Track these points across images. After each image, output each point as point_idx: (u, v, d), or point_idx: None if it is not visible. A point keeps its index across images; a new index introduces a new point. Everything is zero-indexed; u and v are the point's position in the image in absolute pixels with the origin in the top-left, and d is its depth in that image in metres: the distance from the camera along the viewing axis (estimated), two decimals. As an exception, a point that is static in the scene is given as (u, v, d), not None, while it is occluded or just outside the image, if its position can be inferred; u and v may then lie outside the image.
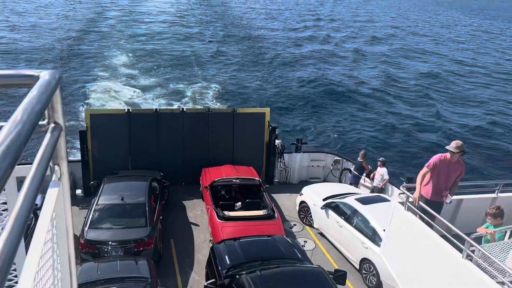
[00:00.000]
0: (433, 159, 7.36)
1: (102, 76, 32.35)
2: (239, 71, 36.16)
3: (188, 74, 34.05)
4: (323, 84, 33.15)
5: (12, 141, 0.90)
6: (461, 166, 7.35)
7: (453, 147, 7.14)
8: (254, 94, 30.62)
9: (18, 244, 0.88)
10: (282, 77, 34.90)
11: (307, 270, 8.06)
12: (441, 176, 7.24)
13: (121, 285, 7.78)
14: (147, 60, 37.45)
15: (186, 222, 12.69)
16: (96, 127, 13.54)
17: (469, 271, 5.49)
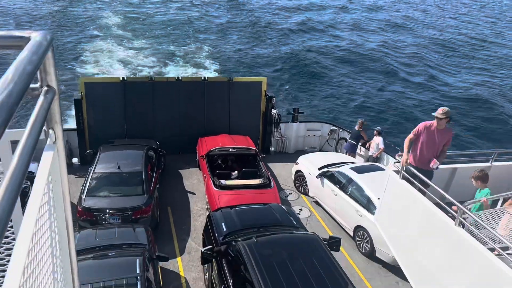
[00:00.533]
0: (419, 126, 7.35)
1: (95, 37, 31.87)
2: (235, 39, 35.61)
3: (183, 41, 33.52)
4: (321, 53, 32.78)
5: (4, 100, 0.89)
6: (448, 133, 7.31)
7: (439, 113, 7.10)
8: (251, 62, 30.28)
9: (13, 204, 0.87)
10: (280, 45, 34.42)
11: (302, 236, 8.21)
12: (427, 144, 7.24)
13: (119, 251, 7.90)
14: (141, 23, 36.82)
15: (183, 190, 12.80)
16: (91, 96, 13.41)
17: (461, 238, 5.61)
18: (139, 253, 7.54)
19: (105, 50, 29.76)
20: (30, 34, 1.32)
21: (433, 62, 32.68)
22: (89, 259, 7.36)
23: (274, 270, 6.87)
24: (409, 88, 27.41)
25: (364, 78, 28.82)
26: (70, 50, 29.18)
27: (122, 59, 28.49)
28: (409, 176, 6.90)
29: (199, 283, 9.24)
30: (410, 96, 26.25)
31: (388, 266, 10.04)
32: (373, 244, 10.12)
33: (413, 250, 6.80)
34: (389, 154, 13.18)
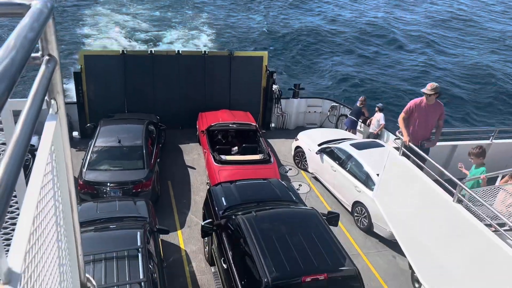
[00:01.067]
0: (409, 104, 7.36)
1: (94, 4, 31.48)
2: (236, 12, 35.05)
3: (183, 15, 33.01)
4: (324, 28, 32.31)
5: (6, 67, 0.88)
6: (439, 108, 7.30)
7: (428, 89, 7.10)
8: (252, 37, 29.91)
9: (18, 172, 0.88)
10: (283, 19, 33.90)
11: (301, 211, 8.29)
12: (420, 120, 7.25)
13: (120, 224, 8.00)
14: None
15: (183, 165, 12.86)
16: (91, 69, 13.30)
17: (459, 214, 5.67)
18: (140, 225, 7.63)
19: (104, 19, 29.36)
20: (30, 2, 1.30)
21: (437, 38, 32.26)
22: (91, 232, 7.45)
23: (273, 244, 6.98)
24: (413, 64, 27.15)
25: (368, 53, 28.51)
26: (68, 21, 28.79)
27: (121, 24, 28.19)
28: (410, 154, 6.92)
29: (199, 255, 9.40)
30: (414, 73, 26.03)
31: (385, 241, 10.20)
32: (371, 220, 10.24)
33: (411, 225, 6.89)
34: (389, 131, 13.18)
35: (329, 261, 6.86)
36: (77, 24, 27.78)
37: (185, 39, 28.13)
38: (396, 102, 22.11)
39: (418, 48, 30.14)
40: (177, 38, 28.21)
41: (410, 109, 7.27)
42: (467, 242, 5.63)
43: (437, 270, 6.17)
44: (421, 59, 28.19)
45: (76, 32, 27.41)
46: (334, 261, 6.89)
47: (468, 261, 5.65)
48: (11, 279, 0.84)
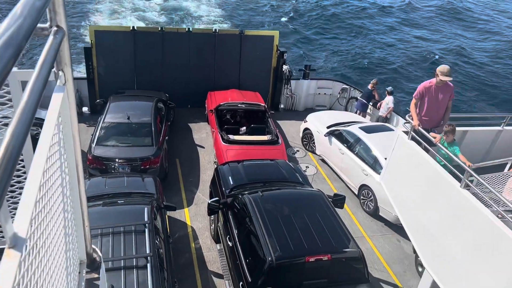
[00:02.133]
0: (418, 88, 7.25)
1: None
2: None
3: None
4: (337, 7, 31.75)
5: (13, 34, 0.88)
6: (449, 88, 7.21)
7: (445, 74, 6.89)
8: (263, 15, 29.52)
9: (24, 138, 0.89)
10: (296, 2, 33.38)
11: (307, 193, 8.33)
12: (432, 103, 7.17)
13: (128, 199, 8.10)
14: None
15: (191, 143, 12.91)
16: (101, 44, 13.27)
17: (466, 200, 5.65)
18: (148, 201, 7.72)
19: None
20: None
21: (452, 22, 31.58)
22: (99, 206, 7.57)
23: (278, 224, 7.04)
24: (426, 47, 26.68)
25: (380, 36, 28.04)
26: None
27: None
28: (419, 138, 6.87)
29: (205, 232, 9.52)
30: (426, 56, 25.60)
31: (390, 225, 10.23)
32: (377, 203, 10.25)
33: (417, 210, 6.89)
34: (399, 115, 13.06)
35: (333, 242, 6.91)
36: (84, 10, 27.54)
37: (196, 17, 27.86)
38: (408, 86, 21.84)
39: (434, 29, 29.56)
40: (189, 15, 27.93)
41: (421, 93, 7.18)
42: (473, 228, 5.62)
43: (441, 255, 6.19)
44: (437, 43, 27.67)
45: (85, 6, 27.26)
46: (338, 242, 6.94)
47: (473, 247, 5.65)
48: (17, 243, 0.86)
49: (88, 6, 27.91)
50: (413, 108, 7.22)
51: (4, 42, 0.82)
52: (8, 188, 0.78)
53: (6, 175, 0.76)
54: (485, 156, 7.77)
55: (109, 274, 5.79)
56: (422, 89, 7.15)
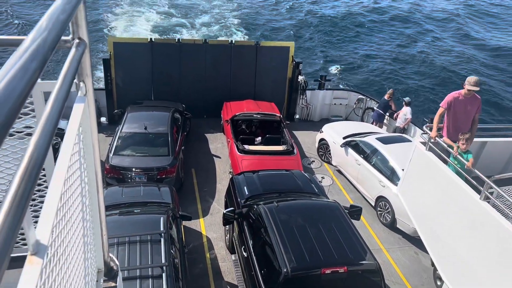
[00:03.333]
0: (447, 98, 7.13)
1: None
2: (264, 3, 34.83)
3: (209, 7, 33.05)
4: (352, 18, 31.76)
5: (38, 46, 0.90)
6: (477, 100, 7.10)
7: (472, 85, 6.82)
8: (279, 27, 29.69)
9: (47, 149, 0.91)
10: (310, 10, 33.50)
11: (323, 203, 8.25)
12: (458, 114, 7.06)
13: (144, 209, 8.16)
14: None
15: (207, 153, 12.98)
16: (119, 56, 13.52)
17: (486, 213, 5.53)
18: (163, 211, 7.76)
19: (134, 9, 29.76)
20: None
21: (471, 28, 31.23)
22: (115, 215, 7.64)
23: (293, 234, 6.99)
24: (444, 57, 26.41)
25: (396, 46, 27.89)
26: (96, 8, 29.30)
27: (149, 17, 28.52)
28: (437, 149, 6.78)
29: (220, 243, 9.50)
30: (445, 66, 25.33)
31: (408, 237, 10.06)
32: (394, 215, 10.11)
33: (435, 222, 6.77)
34: (416, 126, 12.92)
35: (349, 254, 6.82)
36: (105, 9, 28.23)
37: (213, 28, 28.19)
38: (426, 97, 21.61)
39: (452, 40, 29.27)
40: (205, 27, 28.30)
41: (449, 103, 7.06)
42: (494, 241, 5.49)
43: (461, 269, 6.05)
44: (456, 52, 27.38)
45: (103, 17, 27.86)
46: (355, 254, 6.85)
47: (494, 260, 5.51)
48: (38, 250, 0.88)
49: (105, 18, 28.50)
50: (437, 117, 7.11)
51: (30, 54, 0.85)
52: (32, 196, 0.80)
53: (30, 183, 0.78)
54: (505, 168, 7.62)
55: (124, 283, 5.81)
56: (451, 98, 7.05)
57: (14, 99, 0.71)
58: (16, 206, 0.70)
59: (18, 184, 0.74)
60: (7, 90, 0.71)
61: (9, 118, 0.68)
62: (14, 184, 0.75)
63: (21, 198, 0.73)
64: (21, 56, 0.84)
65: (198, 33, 27.29)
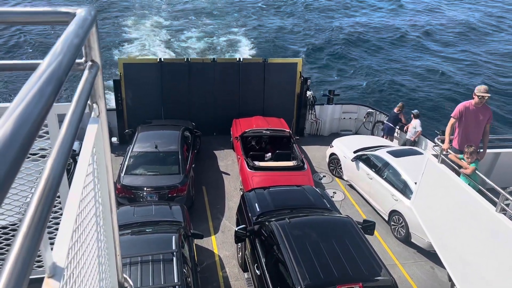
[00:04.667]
0: (458, 108, 7.10)
1: (135, 22, 32.49)
2: (270, 20, 35.22)
3: (217, 24, 33.52)
4: (359, 34, 31.93)
5: (54, 70, 0.92)
6: (487, 111, 7.05)
7: (482, 92, 6.81)
8: (287, 43, 29.94)
9: (62, 172, 0.91)
10: (316, 26, 33.78)
11: (336, 219, 8.17)
12: (470, 124, 7.01)
13: (156, 228, 8.15)
14: (178, 10, 37.06)
15: (217, 171, 12.98)
16: (129, 76, 13.71)
17: (503, 225, 5.42)
18: (175, 230, 7.74)
19: (141, 28, 30.31)
20: (75, 10, 1.36)
21: (476, 42, 31.17)
22: (127, 235, 7.63)
23: (306, 251, 6.91)
24: (451, 71, 26.33)
25: (405, 60, 27.90)
26: (107, 31, 29.90)
27: (158, 35, 29.02)
28: (449, 161, 6.70)
29: (233, 261, 9.42)
30: (451, 79, 25.23)
31: (423, 252, 9.88)
32: (408, 229, 9.95)
33: (451, 235, 6.64)
34: (427, 138, 12.81)
35: (364, 270, 6.70)
36: (115, 31, 28.82)
37: (220, 47, 28.53)
38: (435, 109, 21.49)
39: (456, 53, 29.20)
40: (212, 46, 28.66)
41: (460, 112, 7.02)
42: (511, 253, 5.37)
43: (479, 283, 5.91)
44: (461, 63, 27.30)
45: (113, 39, 28.41)
46: (370, 270, 6.73)
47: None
48: (55, 273, 0.88)
49: (114, 39, 29.03)
50: (449, 128, 7.06)
51: (46, 78, 0.86)
52: (49, 218, 0.80)
53: (47, 206, 0.78)
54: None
55: (138, 304, 5.80)
56: (462, 108, 7.01)
57: (31, 123, 0.72)
58: (34, 229, 0.70)
59: (35, 207, 0.75)
60: (24, 114, 0.72)
61: (27, 142, 0.69)
62: (31, 207, 0.75)
63: (38, 220, 0.73)
64: (37, 80, 0.85)
65: (205, 49, 27.61)
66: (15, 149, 0.64)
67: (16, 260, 0.61)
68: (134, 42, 28.59)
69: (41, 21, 1.38)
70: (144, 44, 28.45)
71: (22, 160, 0.66)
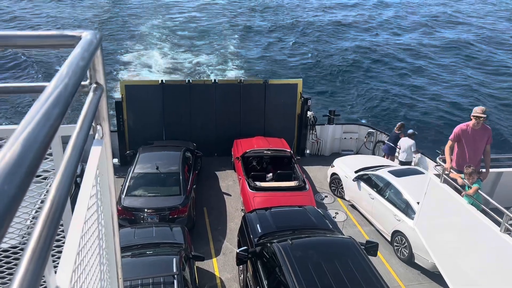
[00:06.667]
0: (455, 130, 7.15)
1: (136, 45, 32.94)
2: (271, 40, 35.68)
3: (218, 45, 33.96)
4: (358, 53, 32.28)
5: (61, 92, 0.93)
6: (487, 131, 7.07)
7: (479, 112, 6.86)
8: (288, 64, 30.26)
9: (67, 195, 0.91)
10: (316, 46, 34.21)
11: (338, 240, 8.09)
12: (468, 146, 7.02)
13: (157, 250, 8.07)
14: (181, 30, 37.62)
15: (218, 191, 12.93)
16: (131, 98, 13.82)
17: (508, 245, 5.36)
18: (176, 252, 7.67)
19: (143, 53, 30.72)
20: (81, 34, 1.38)
21: (476, 62, 31.48)
22: (128, 257, 7.55)
23: (309, 273, 6.81)
24: (449, 91, 26.51)
25: (402, 80, 28.13)
26: (109, 54, 30.30)
27: (159, 62, 29.37)
28: (452, 181, 6.68)
29: (234, 283, 9.29)
30: (449, 98, 25.39)
31: (427, 273, 9.73)
32: (411, 250, 9.84)
33: (455, 256, 6.56)
34: (426, 156, 12.81)
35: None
36: (116, 53, 29.24)
37: (221, 68, 28.84)
38: (435, 130, 21.54)
39: (454, 73, 29.45)
40: (214, 67, 28.98)
41: (457, 135, 7.05)
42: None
43: (485, 305, 5.81)
44: (458, 83, 27.50)
45: (114, 62, 28.78)
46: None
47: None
48: (59, 297, 0.86)
49: (116, 61, 29.37)
50: (447, 150, 7.08)
51: (52, 101, 0.87)
52: (54, 241, 0.80)
53: (52, 229, 0.78)
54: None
55: (138, 328, 5.69)
56: (459, 131, 7.04)
57: (38, 145, 0.72)
58: (39, 253, 0.69)
59: (40, 230, 0.74)
60: (31, 136, 0.72)
61: (34, 164, 0.69)
62: (36, 230, 0.74)
63: (43, 244, 0.72)
64: (44, 103, 0.86)
65: (208, 69, 27.89)
66: (23, 171, 0.64)
67: (21, 285, 0.60)
68: (134, 64, 28.92)
69: (48, 44, 1.40)
70: (145, 65, 28.77)
71: (30, 182, 0.66)
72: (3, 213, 0.55)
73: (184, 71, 28.33)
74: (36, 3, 45.23)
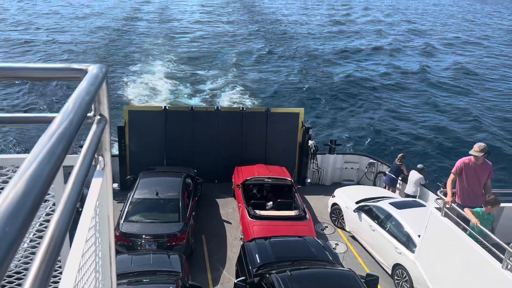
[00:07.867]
0: (457, 164, 7.22)
1: (140, 71, 33.41)
2: (273, 69, 36.17)
3: (221, 73, 34.43)
4: (360, 82, 32.65)
5: (66, 128, 0.95)
6: (487, 166, 7.13)
7: (476, 151, 6.98)
8: (289, 93, 30.56)
9: (68, 224, 0.92)
10: (318, 75, 34.64)
11: (338, 272, 7.96)
12: (470, 179, 7.06)
13: (153, 278, 7.94)
14: (183, 59, 38.22)
15: (218, 219, 12.82)
16: (134, 123, 13.91)
17: (510, 282, 5.27)
18: (173, 280, 7.55)
19: (146, 79, 31.12)
20: (87, 67, 1.42)
21: (479, 89, 31.75)
22: (124, 284, 7.43)
23: (308, 306, 6.68)
24: (453, 120, 26.62)
25: (406, 109, 28.32)
26: (115, 83, 30.69)
27: (161, 88, 29.74)
28: (453, 215, 6.63)
29: (231, 315, 9.09)
30: (453, 128, 25.47)
31: (429, 309, 9.51)
32: (412, 284, 9.63)
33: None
34: (429, 190, 12.73)
35: (368, 327, 6.45)
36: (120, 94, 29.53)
37: (224, 96, 29.13)
38: (437, 161, 21.51)
39: (459, 101, 29.65)
40: (216, 95, 29.28)
41: (459, 169, 7.10)
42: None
43: None
44: (462, 113, 27.63)
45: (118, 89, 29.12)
46: (374, 328, 6.47)
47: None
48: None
49: (119, 87, 29.73)
50: (449, 184, 7.11)
51: (57, 136, 0.89)
52: (52, 273, 0.80)
53: (52, 261, 0.78)
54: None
55: None
56: (461, 164, 7.10)
57: (40, 184, 0.74)
58: (38, 285, 0.70)
59: (38, 267, 0.74)
60: (34, 175, 0.74)
61: (37, 200, 0.70)
62: (35, 264, 0.75)
63: (42, 277, 0.72)
64: (49, 139, 0.88)
65: (208, 98, 28.16)
66: (25, 211, 0.65)
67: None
68: (139, 89, 29.26)
69: (55, 77, 1.44)
70: (149, 91, 29.10)
71: (31, 221, 0.67)
72: (4, 256, 0.56)
73: (186, 97, 28.62)
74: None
